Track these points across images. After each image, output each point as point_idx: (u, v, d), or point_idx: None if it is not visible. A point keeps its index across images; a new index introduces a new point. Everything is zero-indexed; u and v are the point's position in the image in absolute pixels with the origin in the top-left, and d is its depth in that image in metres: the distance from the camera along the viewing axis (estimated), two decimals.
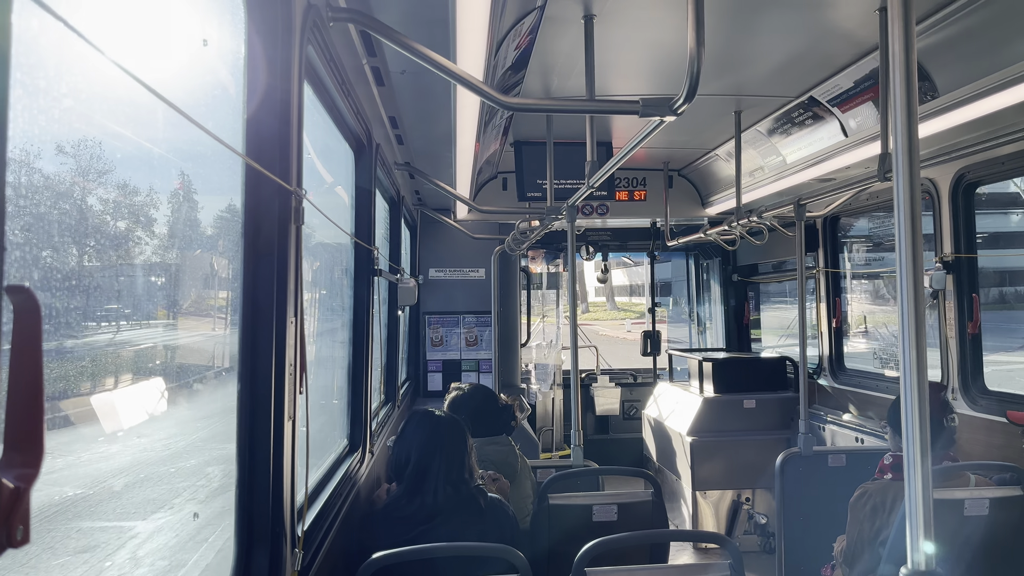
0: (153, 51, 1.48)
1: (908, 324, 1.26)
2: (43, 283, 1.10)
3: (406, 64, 2.81)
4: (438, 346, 6.70)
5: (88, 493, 1.49)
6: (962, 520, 2.86)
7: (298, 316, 1.86)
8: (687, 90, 1.93)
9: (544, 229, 4.67)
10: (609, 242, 8.31)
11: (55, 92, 1.13)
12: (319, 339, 3.49)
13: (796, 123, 4.47)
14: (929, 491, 1.25)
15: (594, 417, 8.36)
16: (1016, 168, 3.97)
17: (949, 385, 4.33)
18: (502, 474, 3.45)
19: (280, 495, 1.77)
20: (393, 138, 3.97)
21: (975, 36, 2.96)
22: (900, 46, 1.26)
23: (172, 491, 1.95)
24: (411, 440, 2.82)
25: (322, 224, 2.96)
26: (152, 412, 1.78)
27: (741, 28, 3.20)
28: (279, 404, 1.76)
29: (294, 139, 1.85)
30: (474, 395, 3.75)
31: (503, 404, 3.85)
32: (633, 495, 3.05)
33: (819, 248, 6.11)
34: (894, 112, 1.28)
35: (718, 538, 2.38)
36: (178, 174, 1.83)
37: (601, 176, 3.12)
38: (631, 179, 6.45)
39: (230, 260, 2.00)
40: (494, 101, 2.19)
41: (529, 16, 2.68)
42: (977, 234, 4.40)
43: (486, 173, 5.62)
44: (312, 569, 2.11)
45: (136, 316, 1.61)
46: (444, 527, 2.66)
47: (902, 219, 1.27)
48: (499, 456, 3.52)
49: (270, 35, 1.79)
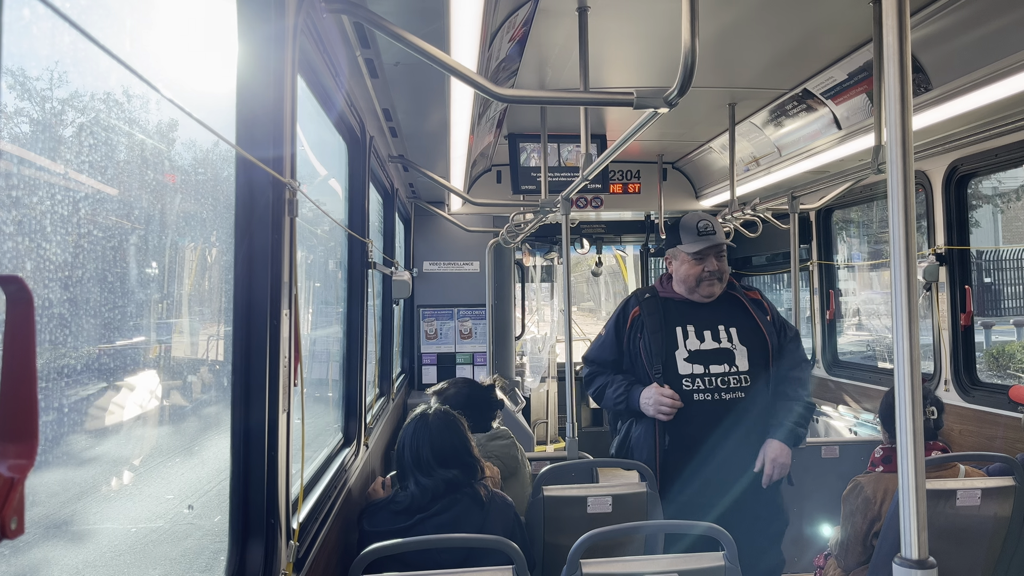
0: (145, 41, 1.47)
1: (901, 315, 1.27)
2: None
3: (400, 56, 2.80)
4: (432, 339, 6.70)
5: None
6: (955, 510, 2.88)
7: (292, 309, 1.86)
8: (681, 82, 1.92)
9: (538, 222, 4.67)
10: (603, 235, 8.31)
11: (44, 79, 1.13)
12: (313, 332, 3.48)
13: (790, 115, 4.47)
14: (923, 482, 1.26)
15: (589, 409, 8.38)
16: (1009, 160, 3.98)
17: (941, 376, 4.36)
18: (507, 468, 3.47)
19: (275, 487, 1.77)
20: (387, 130, 3.96)
21: (969, 28, 2.96)
22: (894, 38, 1.26)
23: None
24: (404, 436, 2.86)
25: (316, 216, 2.95)
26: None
27: (735, 20, 3.20)
28: (273, 397, 1.76)
29: (288, 131, 1.84)
30: (459, 391, 3.73)
31: (485, 385, 3.85)
32: (628, 487, 3.06)
33: (813, 240, 6.13)
34: (888, 104, 1.28)
35: (712, 529, 2.39)
36: (170, 166, 1.82)
37: (595, 168, 3.12)
38: (625, 172, 6.46)
39: (223, 252, 2.00)
40: (488, 93, 2.19)
41: (523, 8, 2.67)
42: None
43: (480, 166, 5.61)
44: (307, 561, 2.11)
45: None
46: (441, 516, 2.67)
47: (896, 211, 1.27)
48: (503, 451, 3.53)
49: (263, 25, 1.78)
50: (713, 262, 3.28)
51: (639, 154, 6.28)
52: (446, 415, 2.92)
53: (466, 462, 2.82)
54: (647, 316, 3.32)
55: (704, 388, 3.18)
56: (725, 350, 3.23)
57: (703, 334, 3.25)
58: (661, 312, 3.32)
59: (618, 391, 3.30)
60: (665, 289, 3.44)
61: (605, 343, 3.46)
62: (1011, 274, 13.98)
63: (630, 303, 3.46)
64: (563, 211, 3.77)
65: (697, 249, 3.26)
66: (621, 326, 3.42)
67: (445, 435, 2.83)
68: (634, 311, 3.39)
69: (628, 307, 3.45)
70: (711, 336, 3.25)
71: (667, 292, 3.42)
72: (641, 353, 3.30)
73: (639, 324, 3.34)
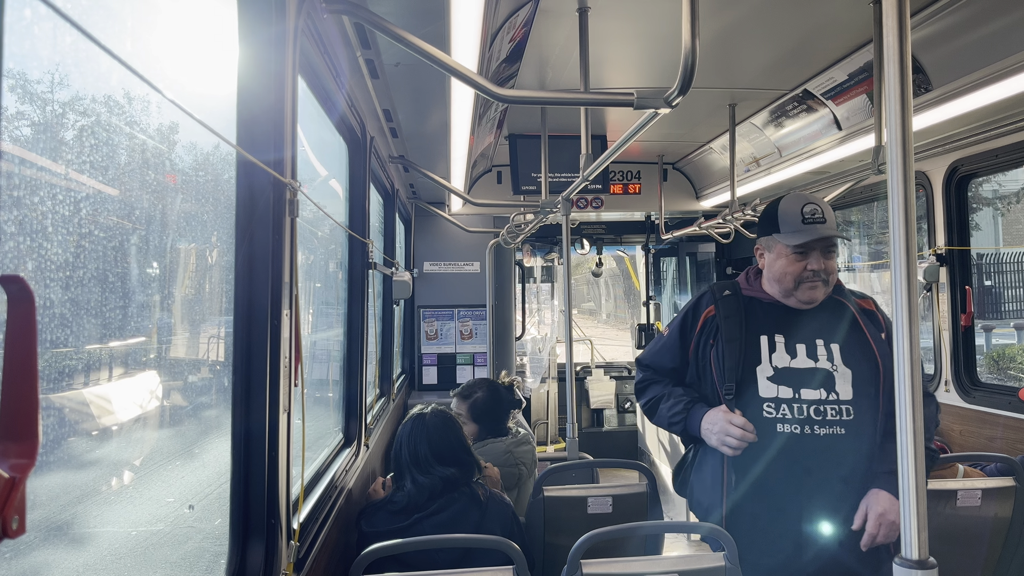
0: (145, 42, 1.47)
1: (902, 316, 1.27)
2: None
3: (400, 56, 2.80)
4: (433, 339, 6.70)
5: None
6: (955, 511, 2.88)
7: (293, 309, 1.86)
8: (681, 82, 1.92)
9: (539, 222, 4.67)
10: (604, 235, 8.32)
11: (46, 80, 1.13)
12: (314, 332, 3.48)
13: (790, 116, 4.47)
14: (923, 482, 1.26)
15: (589, 410, 8.38)
16: (1010, 160, 3.98)
17: (941, 377, 4.36)
18: (528, 471, 3.52)
19: (275, 488, 1.77)
20: (387, 131, 3.96)
21: (969, 28, 2.97)
22: (894, 38, 1.26)
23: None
24: (401, 435, 2.87)
25: (317, 217, 2.95)
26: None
27: (735, 20, 3.20)
28: (274, 397, 1.76)
29: (288, 131, 1.84)
30: (487, 396, 3.74)
31: (504, 385, 3.87)
32: (628, 487, 3.06)
33: None
34: (888, 105, 1.28)
35: (713, 530, 2.39)
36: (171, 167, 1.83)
37: (596, 169, 3.12)
38: (626, 172, 6.46)
39: (224, 252, 2.00)
40: (488, 93, 2.19)
41: (524, 8, 2.67)
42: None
43: (481, 166, 5.61)
44: (307, 561, 2.11)
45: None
46: (438, 515, 2.68)
47: (896, 212, 1.27)
48: (529, 456, 3.58)
49: (264, 26, 1.78)
50: (819, 259, 2.55)
51: (639, 155, 6.29)
52: (443, 414, 2.93)
53: (464, 461, 2.83)
54: (724, 318, 2.65)
55: (791, 418, 2.47)
56: (823, 371, 2.51)
57: (795, 348, 2.55)
58: (743, 315, 2.64)
59: (675, 408, 2.67)
60: (751, 287, 2.73)
61: (666, 346, 2.80)
62: (1011, 277, 13.99)
63: (703, 300, 2.78)
64: (563, 212, 3.77)
65: (800, 241, 2.52)
66: (689, 328, 2.75)
67: (443, 433, 2.84)
68: (708, 310, 2.72)
69: (700, 305, 2.77)
70: (806, 352, 2.55)
71: (753, 290, 2.72)
72: (711, 364, 2.63)
73: (712, 327, 2.67)
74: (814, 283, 2.56)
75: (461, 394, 3.79)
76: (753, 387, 2.52)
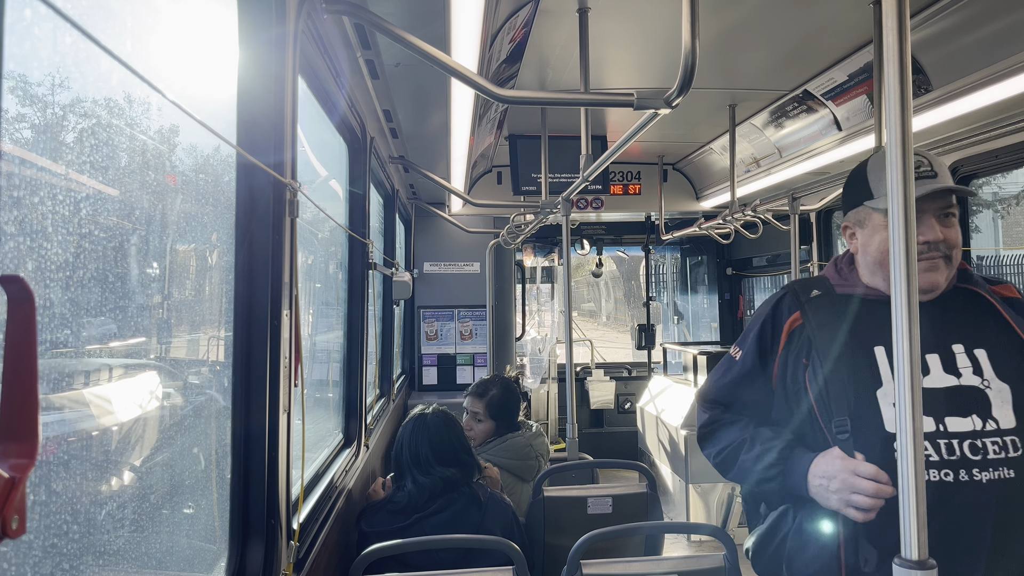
0: (146, 43, 1.47)
1: (902, 316, 1.27)
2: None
3: (401, 57, 2.80)
4: (433, 340, 6.70)
5: None
6: None
7: (293, 309, 1.86)
8: (681, 83, 1.93)
9: (539, 223, 4.68)
10: (604, 236, 8.32)
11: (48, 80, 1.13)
12: (314, 333, 3.49)
13: (790, 116, 4.47)
14: (923, 482, 1.26)
15: (589, 411, 8.39)
16: (1010, 161, 3.98)
17: None
18: (545, 462, 3.55)
19: (275, 488, 1.77)
20: (387, 131, 3.96)
21: (969, 29, 2.97)
22: (894, 39, 1.26)
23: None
24: (402, 436, 2.88)
25: (317, 217, 2.96)
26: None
27: (735, 21, 3.20)
28: (274, 397, 1.77)
29: (288, 132, 1.84)
30: (503, 394, 3.75)
31: (512, 379, 3.91)
32: (628, 488, 3.06)
33: (813, 241, 6.13)
34: (888, 105, 1.28)
35: (713, 530, 2.39)
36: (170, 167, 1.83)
37: (596, 169, 3.12)
38: (626, 173, 6.47)
39: (224, 253, 2.00)
40: (488, 94, 2.19)
41: (524, 9, 2.67)
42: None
43: (481, 167, 5.62)
44: (307, 561, 2.12)
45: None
46: (439, 515, 2.68)
47: (896, 212, 1.27)
48: (544, 448, 3.63)
49: (264, 28, 1.79)
50: (933, 226, 1.83)
51: (639, 155, 6.29)
52: (444, 415, 2.94)
53: (464, 461, 2.84)
54: (818, 328, 1.90)
55: (938, 460, 1.71)
56: (971, 390, 1.77)
57: (925, 361, 1.79)
58: (843, 321, 1.89)
59: (766, 459, 1.88)
60: (846, 280, 1.99)
61: (740, 373, 2.03)
62: (1011, 278, 14.02)
63: (783, 305, 2.01)
64: (563, 212, 3.77)
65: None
66: (770, 345, 1.99)
67: (444, 434, 2.85)
68: (792, 318, 1.96)
69: (780, 312, 2.00)
70: (941, 364, 1.80)
71: (849, 285, 1.97)
72: (809, 392, 1.87)
73: (803, 342, 1.92)
74: (931, 260, 1.80)
75: (476, 392, 3.78)
76: (875, 420, 1.77)
